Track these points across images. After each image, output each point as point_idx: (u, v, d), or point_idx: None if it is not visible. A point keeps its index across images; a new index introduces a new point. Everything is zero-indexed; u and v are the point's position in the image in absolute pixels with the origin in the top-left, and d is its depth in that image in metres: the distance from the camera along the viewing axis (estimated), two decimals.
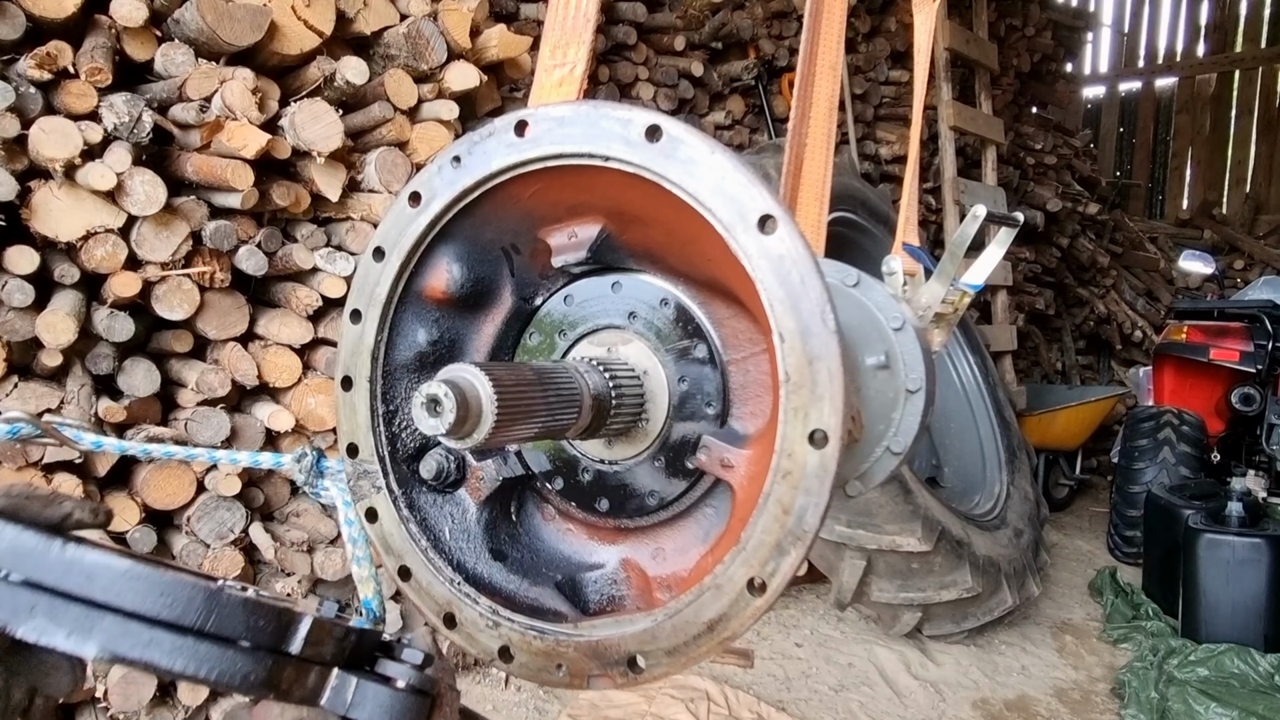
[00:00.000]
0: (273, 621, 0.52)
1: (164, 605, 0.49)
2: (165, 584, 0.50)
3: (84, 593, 0.49)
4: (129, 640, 0.48)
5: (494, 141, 0.73)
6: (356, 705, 0.55)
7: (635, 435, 0.85)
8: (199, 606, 0.50)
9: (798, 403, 0.60)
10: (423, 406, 0.62)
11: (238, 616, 0.51)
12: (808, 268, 0.58)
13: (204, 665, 0.49)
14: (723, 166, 0.61)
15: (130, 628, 0.49)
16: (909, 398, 1.13)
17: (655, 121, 0.63)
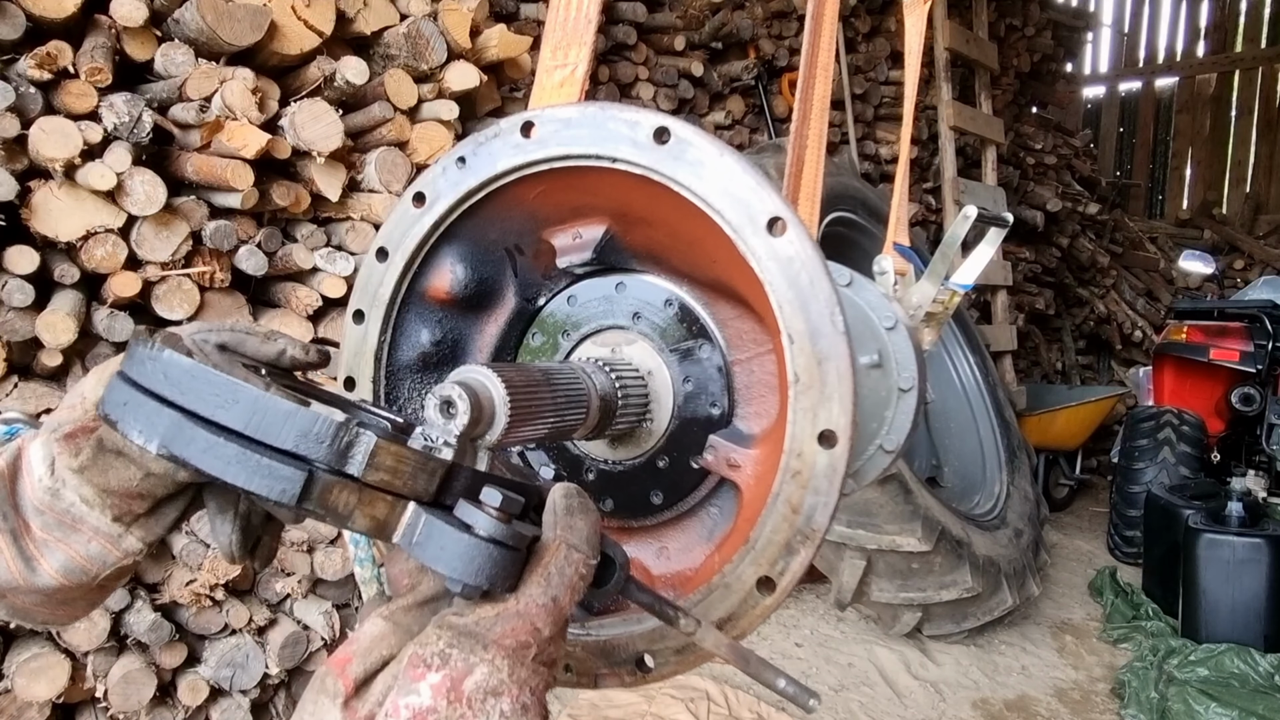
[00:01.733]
0: (327, 436, 0.48)
1: (214, 405, 0.48)
2: (219, 383, 0.49)
3: (159, 390, 0.49)
4: (175, 435, 0.48)
5: (500, 142, 0.73)
6: (420, 545, 0.50)
7: (640, 435, 0.85)
8: (246, 410, 0.48)
9: (807, 403, 0.60)
10: (436, 408, 0.62)
11: (287, 425, 0.48)
12: (816, 270, 0.58)
13: (241, 473, 0.47)
14: (731, 169, 0.61)
15: (181, 425, 0.48)
16: (901, 396, 1.13)
17: (663, 123, 0.63)
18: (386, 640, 0.49)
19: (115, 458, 0.62)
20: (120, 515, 0.63)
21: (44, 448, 0.64)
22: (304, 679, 3.03)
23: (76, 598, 0.66)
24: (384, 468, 0.49)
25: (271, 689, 2.94)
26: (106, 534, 0.63)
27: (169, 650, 2.70)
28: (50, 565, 0.62)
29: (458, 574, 0.49)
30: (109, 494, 0.62)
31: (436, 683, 0.45)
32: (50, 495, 0.62)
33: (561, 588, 0.51)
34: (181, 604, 2.72)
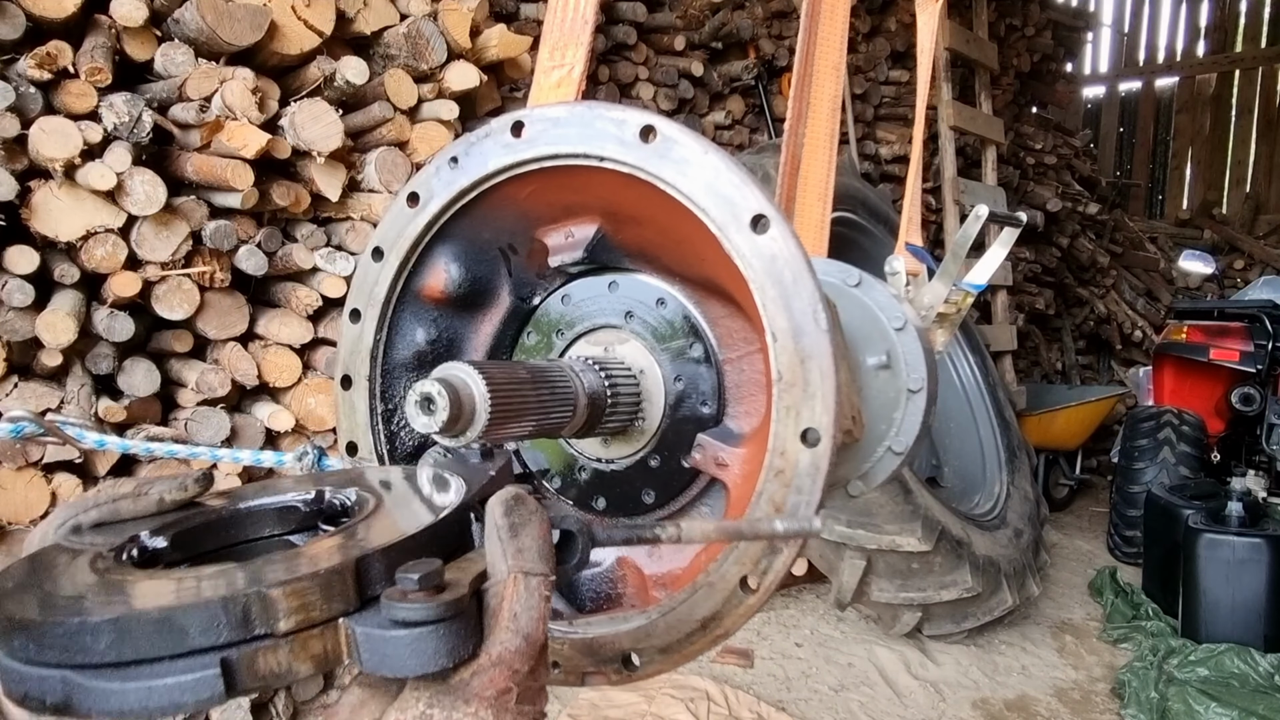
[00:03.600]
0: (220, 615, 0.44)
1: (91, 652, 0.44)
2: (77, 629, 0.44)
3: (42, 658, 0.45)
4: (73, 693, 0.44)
5: (491, 142, 0.73)
6: (369, 662, 0.46)
7: (632, 434, 0.85)
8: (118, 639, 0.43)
9: (790, 401, 0.61)
10: (416, 404, 0.62)
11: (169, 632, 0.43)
12: (800, 267, 0.59)
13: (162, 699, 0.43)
14: (715, 167, 0.61)
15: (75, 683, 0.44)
16: (911, 398, 1.13)
17: (649, 122, 0.63)
18: (367, 707, 0.48)
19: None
20: None
21: None
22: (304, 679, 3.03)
23: None
24: (295, 610, 0.46)
25: (271, 689, 2.95)
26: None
27: None
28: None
29: (417, 671, 0.46)
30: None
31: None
32: None
33: (530, 623, 0.49)
34: None
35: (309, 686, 3.05)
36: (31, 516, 2.44)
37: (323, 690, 3.10)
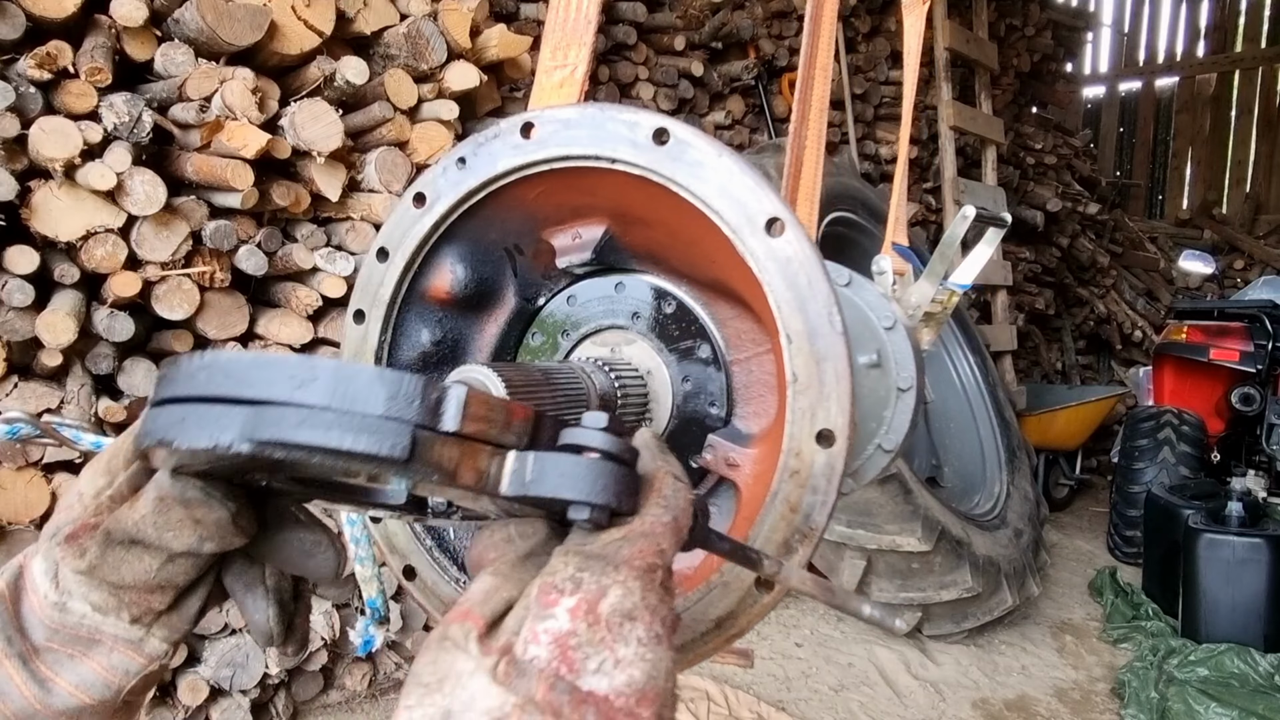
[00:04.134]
0: (416, 394, 0.46)
1: (291, 388, 0.45)
2: (290, 364, 0.46)
3: (222, 392, 0.46)
4: (262, 428, 0.45)
5: (500, 143, 0.73)
6: (536, 482, 0.47)
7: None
8: (327, 383, 0.45)
9: (805, 403, 0.60)
10: None
11: (374, 390, 0.45)
12: (815, 270, 0.59)
13: (347, 435, 0.44)
14: (730, 170, 0.61)
15: (261, 412, 0.45)
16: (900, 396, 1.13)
17: (662, 124, 0.63)
18: (501, 589, 0.47)
19: (127, 549, 0.57)
20: (139, 615, 0.58)
21: (45, 559, 0.59)
22: (304, 679, 3.03)
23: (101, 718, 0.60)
24: (479, 418, 0.47)
25: (271, 689, 2.94)
26: (127, 640, 0.58)
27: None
28: (68, 683, 0.57)
29: (584, 495, 0.47)
30: (124, 591, 0.57)
31: (572, 606, 0.43)
32: (58, 610, 0.57)
33: (677, 508, 0.50)
34: None
35: (309, 686, 3.05)
36: (31, 516, 2.44)
37: (323, 690, 3.10)
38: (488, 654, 0.42)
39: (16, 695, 0.56)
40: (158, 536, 0.56)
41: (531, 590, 0.45)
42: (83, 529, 0.58)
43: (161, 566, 0.57)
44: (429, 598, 0.80)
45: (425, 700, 0.41)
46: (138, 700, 0.62)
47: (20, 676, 0.57)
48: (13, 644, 0.57)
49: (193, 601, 0.61)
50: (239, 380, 0.46)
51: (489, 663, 0.41)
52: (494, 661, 0.41)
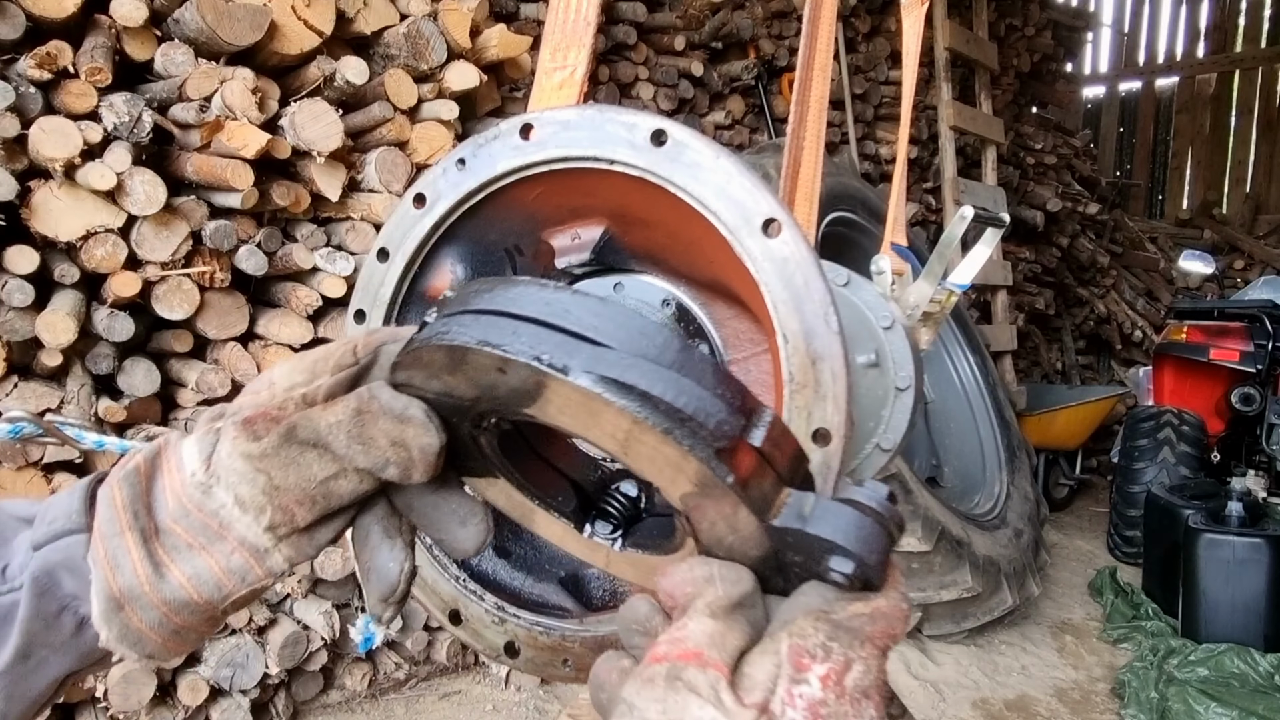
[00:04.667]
0: (741, 395, 0.45)
1: (630, 338, 0.45)
2: (633, 319, 0.46)
3: (562, 324, 0.46)
4: (606, 364, 0.45)
5: (499, 144, 0.73)
6: (813, 521, 0.46)
7: None
8: (664, 346, 0.45)
9: (801, 402, 0.61)
10: None
11: (706, 370, 0.45)
12: (811, 270, 0.59)
13: (684, 396, 0.44)
14: (727, 171, 0.61)
15: (606, 354, 0.45)
16: (898, 395, 1.14)
17: (660, 126, 0.63)
18: (728, 635, 0.45)
19: (304, 450, 0.55)
20: (277, 524, 0.55)
21: (201, 441, 0.56)
22: (304, 679, 3.03)
23: (194, 624, 0.57)
24: (775, 443, 0.47)
25: (271, 689, 2.95)
26: (252, 547, 0.55)
27: None
28: (181, 573, 0.55)
29: (858, 549, 0.46)
30: (278, 493, 0.55)
31: (823, 674, 0.42)
32: (201, 492, 0.55)
33: (904, 596, 0.49)
34: None
35: (309, 686, 3.05)
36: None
37: (323, 690, 3.10)
38: (742, 709, 0.41)
39: (129, 571, 0.54)
40: (346, 447, 0.54)
41: (780, 648, 0.43)
42: (263, 416, 0.55)
43: (329, 479, 0.55)
44: (429, 596, 0.80)
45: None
46: (231, 610, 0.59)
47: (138, 553, 0.55)
48: (138, 519, 0.55)
49: (328, 530, 0.58)
50: (577, 320, 0.46)
51: (745, 718, 0.40)
52: (751, 718, 0.40)
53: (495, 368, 0.48)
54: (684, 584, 0.49)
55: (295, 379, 0.57)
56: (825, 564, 0.47)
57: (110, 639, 0.55)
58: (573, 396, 0.46)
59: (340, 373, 0.57)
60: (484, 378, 0.50)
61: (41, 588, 0.56)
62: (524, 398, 0.49)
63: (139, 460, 0.58)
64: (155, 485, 0.57)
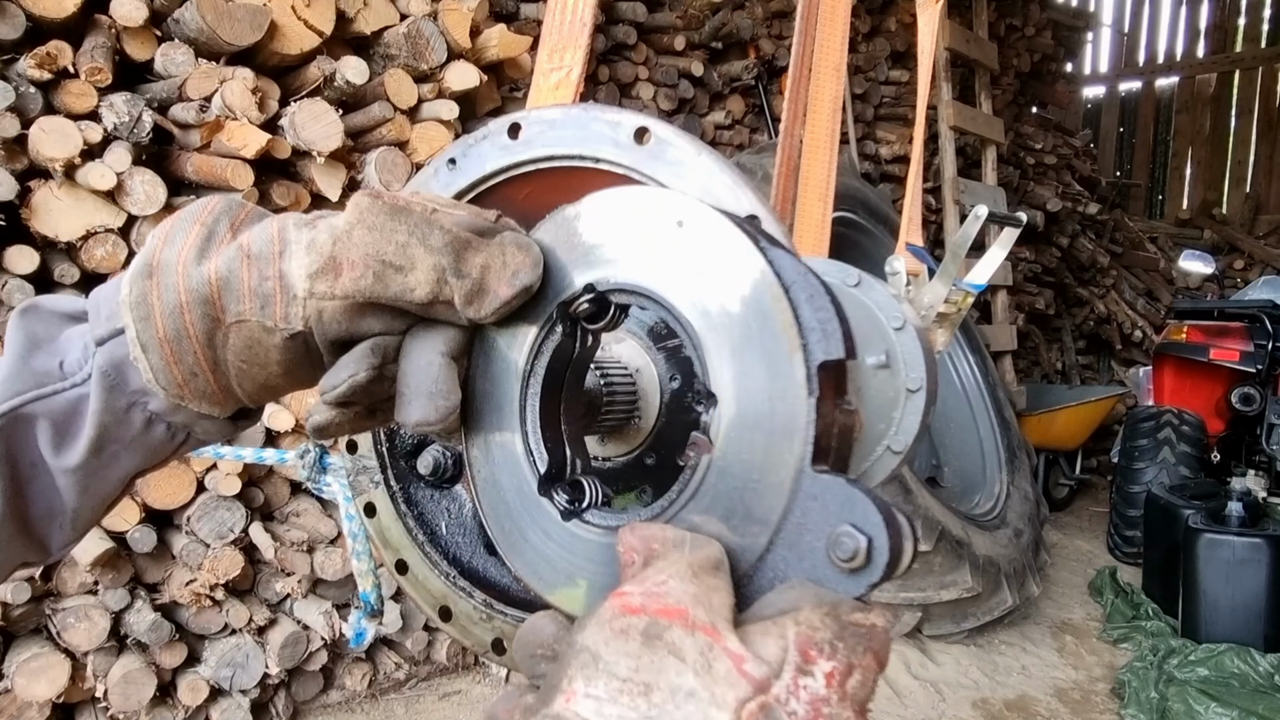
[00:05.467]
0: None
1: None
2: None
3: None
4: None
5: (488, 144, 0.73)
6: (860, 485, 0.46)
7: (628, 432, 0.85)
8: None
9: None
10: None
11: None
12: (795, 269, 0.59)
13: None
14: (709, 168, 0.61)
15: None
16: (910, 397, 1.13)
17: (643, 124, 0.63)
18: (715, 598, 0.42)
19: (394, 230, 0.55)
20: (320, 273, 0.55)
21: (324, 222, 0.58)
22: (304, 678, 3.04)
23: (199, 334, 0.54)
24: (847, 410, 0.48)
25: (271, 689, 2.95)
26: (288, 284, 0.55)
27: (169, 650, 2.71)
28: (217, 265, 0.54)
29: (878, 532, 0.44)
30: (340, 246, 0.56)
31: (828, 671, 0.40)
32: (294, 225, 0.58)
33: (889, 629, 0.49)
34: (181, 604, 2.73)
35: (309, 686, 3.05)
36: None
37: (323, 690, 3.11)
38: (739, 679, 0.38)
39: (177, 248, 0.55)
40: (441, 245, 0.54)
41: (786, 632, 0.41)
42: (392, 196, 0.56)
43: (397, 265, 0.54)
44: (420, 591, 0.81)
45: (623, 700, 0.37)
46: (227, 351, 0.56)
47: (195, 241, 0.55)
48: (218, 224, 0.57)
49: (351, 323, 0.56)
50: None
51: (739, 694, 0.37)
52: (746, 695, 0.37)
53: None
54: (653, 539, 0.47)
55: (438, 200, 0.58)
56: (833, 533, 0.45)
57: (125, 302, 0.54)
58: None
59: (473, 217, 0.58)
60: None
61: (110, 383, 0.55)
62: None
63: (251, 204, 0.59)
64: (258, 221, 0.58)
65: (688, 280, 0.53)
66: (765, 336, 0.47)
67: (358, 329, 0.56)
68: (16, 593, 2.46)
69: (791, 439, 0.47)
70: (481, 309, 0.55)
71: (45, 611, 2.56)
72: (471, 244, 0.55)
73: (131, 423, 0.57)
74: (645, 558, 0.46)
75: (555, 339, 0.59)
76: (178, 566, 2.73)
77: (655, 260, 0.54)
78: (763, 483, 0.48)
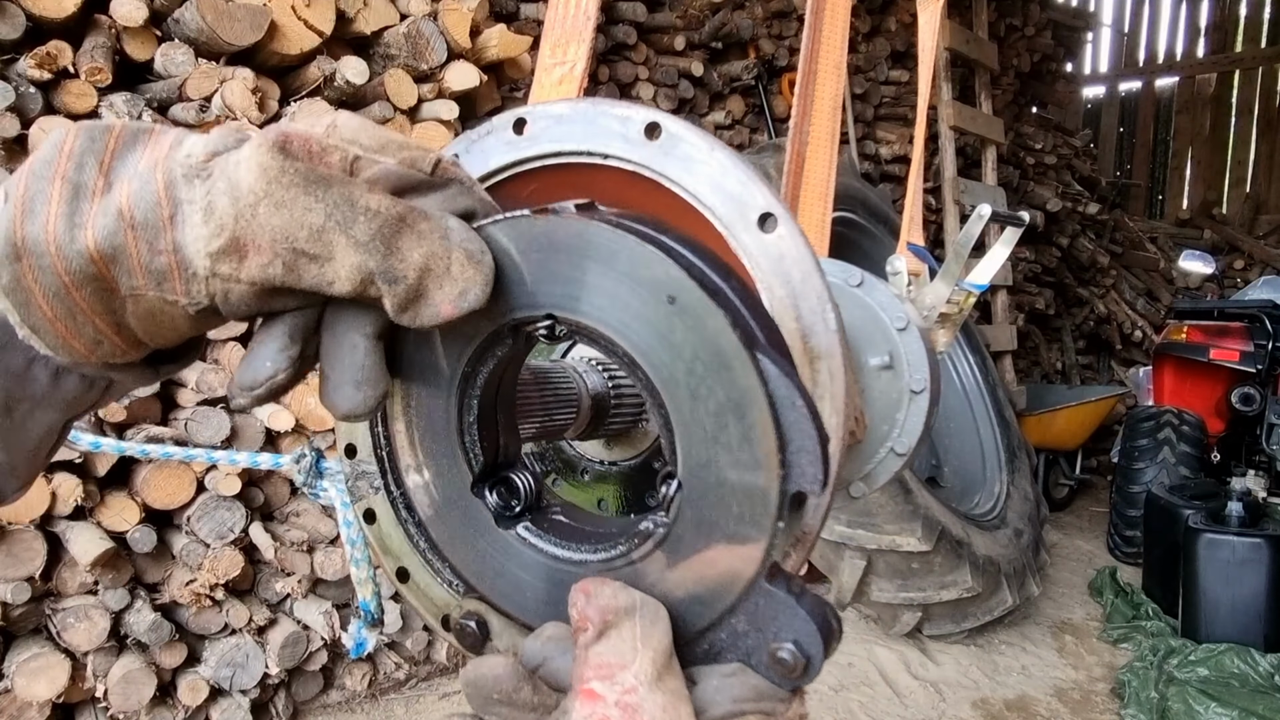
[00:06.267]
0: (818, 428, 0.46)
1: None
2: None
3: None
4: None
5: (492, 139, 0.72)
6: (800, 602, 0.46)
7: (635, 436, 0.85)
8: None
9: None
10: None
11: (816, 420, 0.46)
12: (808, 267, 0.58)
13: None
14: (722, 164, 0.60)
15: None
16: (913, 398, 1.12)
17: (654, 119, 0.62)
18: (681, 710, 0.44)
19: (315, 206, 0.46)
20: (223, 254, 0.46)
21: (223, 135, 0.48)
22: (304, 678, 3.03)
23: (90, 309, 0.47)
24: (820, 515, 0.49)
25: (271, 689, 2.94)
26: (184, 259, 0.46)
27: (169, 650, 2.70)
28: (97, 237, 0.45)
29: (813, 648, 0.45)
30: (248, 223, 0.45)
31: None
32: (182, 173, 0.46)
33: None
34: (181, 604, 2.73)
35: (309, 686, 3.05)
36: (32, 516, 2.44)
37: (323, 690, 3.10)
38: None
39: (40, 222, 0.45)
40: (366, 237, 0.46)
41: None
42: (305, 141, 0.46)
43: (311, 254, 0.46)
44: (421, 600, 0.80)
45: None
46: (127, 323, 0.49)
47: (59, 206, 0.46)
48: (82, 170, 0.46)
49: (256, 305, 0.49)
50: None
51: None
52: None
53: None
54: (607, 610, 0.46)
55: (360, 138, 0.48)
56: (775, 646, 0.45)
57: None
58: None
59: (407, 170, 0.49)
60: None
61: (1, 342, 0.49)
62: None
63: (119, 124, 0.49)
64: (131, 150, 0.48)
65: (667, 357, 0.50)
66: (743, 452, 0.46)
67: (270, 307, 0.49)
68: (16, 593, 2.45)
69: (749, 554, 0.46)
70: (417, 319, 0.48)
71: (45, 611, 2.55)
72: (406, 226, 0.47)
73: (35, 379, 0.50)
74: (599, 630, 0.46)
75: (501, 347, 0.56)
76: (178, 566, 2.72)
77: (634, 323, 0.51)
78: (716, 582, 0.48)
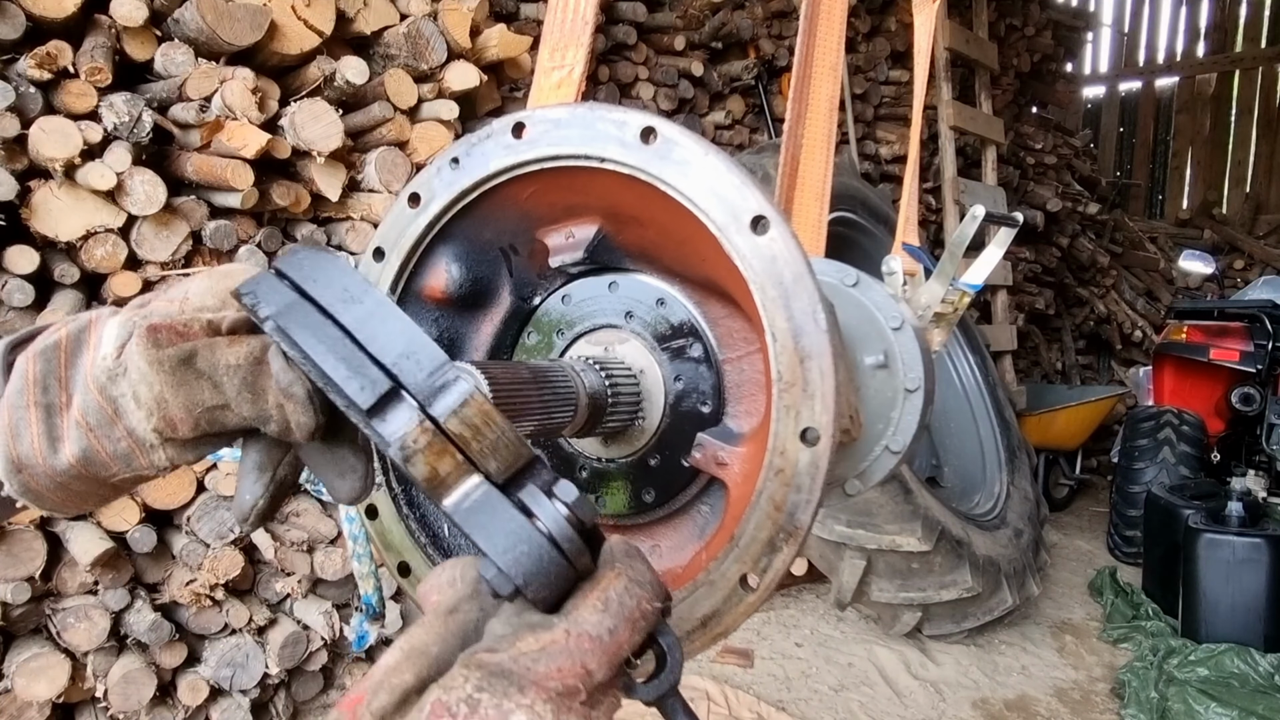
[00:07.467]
0: (430, 366, 0.46)
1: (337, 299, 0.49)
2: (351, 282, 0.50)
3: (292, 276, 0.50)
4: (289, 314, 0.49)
5: (492, 143, 0.73)
6: (468, 512, 0.45)
7: (632, 433, 0.85)
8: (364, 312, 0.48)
9: (789, 401, 0.61)
10: None
11: (395, 339, 0.47)
12: (800, 268, 0.59)
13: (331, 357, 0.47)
14: (716, 168, 0.61)
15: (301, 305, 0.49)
16: (908, 397, 1.13)
17: (650, 123, 0.63)
18: (402, 672, 0.40)
19: (198, 378, 0.55)
20: (163, 429, 0.56)
21: (123, 327, 0.57)
22: (304, 679, 3.04)
23: (89, 491, 0.60)
24: (468, 423, 0.46)
25: (271, 689, 2.95)
26: (139, 440, 0.57)
27: (169, 650, 2.70)
28: (72, 450, 0.57)
29: (496, 555, 0.43)
30: (165, 405, 0.55)
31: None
32: (107, 378, 0.56)
33: (620, 619, 0.42)
34: (181, 604, 2.73)
35: (309, 686, 3.05)
36: (31, 517, 2.44)
37: (323, 690, 3.11)
38: None
39: (27, 443, 0.57)
40: (236, 391, 0.55)
41: (425, 703, 0.38)
42: (168, 329, 0.56)
43: (215, 409, 0.56)
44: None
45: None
46: (125, 488, 0.62)
47: (38, 428, 0.57)
48: (48, 392, 0.57)
49: (211, 445, 0.60)
50: (307, 274, 0.49)
51: None
52: None
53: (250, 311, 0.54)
54: (430, 589, 0.48)
55: (207, 301, 0.59)
56: (479, 560, 0.45)
57: (12, 492, 0.59)
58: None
59: (228, 306, 0.59)
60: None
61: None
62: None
63: (63, 335, 0.59)
64: (77, 361, 0.58)
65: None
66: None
67: (216, 447, 0.60)
68: (16, 593, 2.46)
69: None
70: (299, 438, 0.57)
71: (45, 611, 2.56)
72: (261, 367, 0.56)
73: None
74: (428, 610, 0.48)
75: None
76: (178, 566, 2.73)
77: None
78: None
